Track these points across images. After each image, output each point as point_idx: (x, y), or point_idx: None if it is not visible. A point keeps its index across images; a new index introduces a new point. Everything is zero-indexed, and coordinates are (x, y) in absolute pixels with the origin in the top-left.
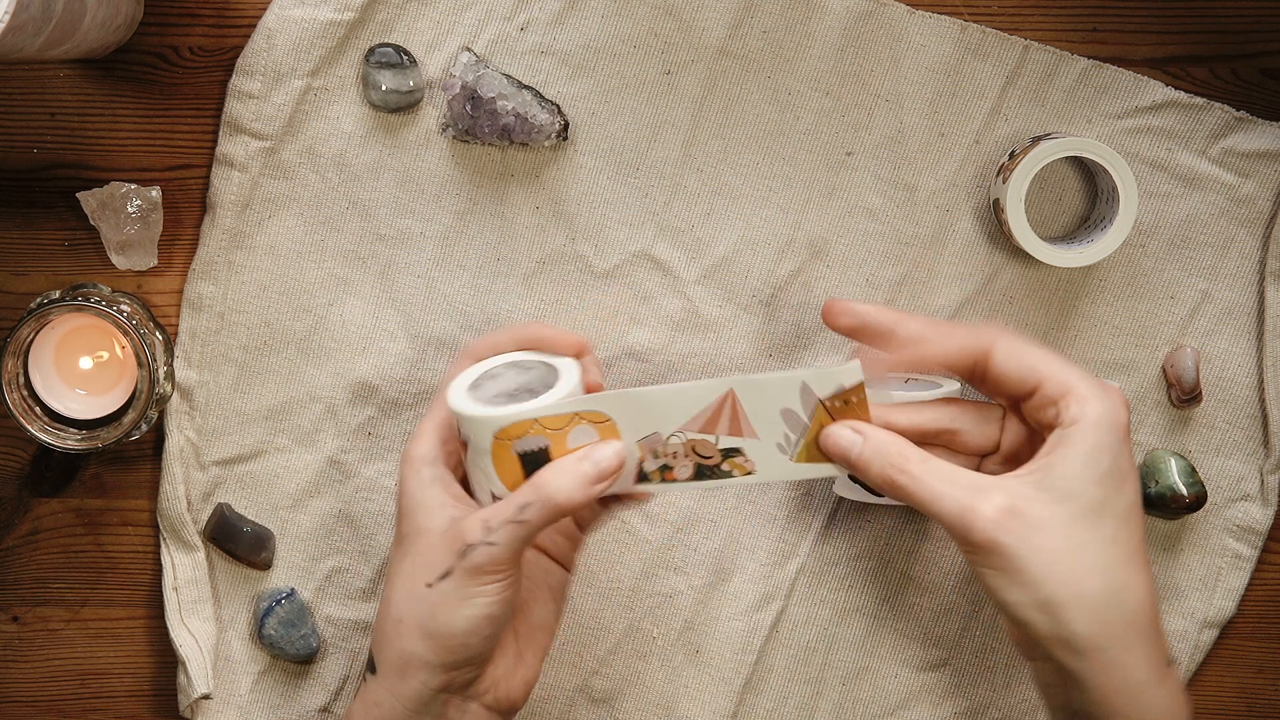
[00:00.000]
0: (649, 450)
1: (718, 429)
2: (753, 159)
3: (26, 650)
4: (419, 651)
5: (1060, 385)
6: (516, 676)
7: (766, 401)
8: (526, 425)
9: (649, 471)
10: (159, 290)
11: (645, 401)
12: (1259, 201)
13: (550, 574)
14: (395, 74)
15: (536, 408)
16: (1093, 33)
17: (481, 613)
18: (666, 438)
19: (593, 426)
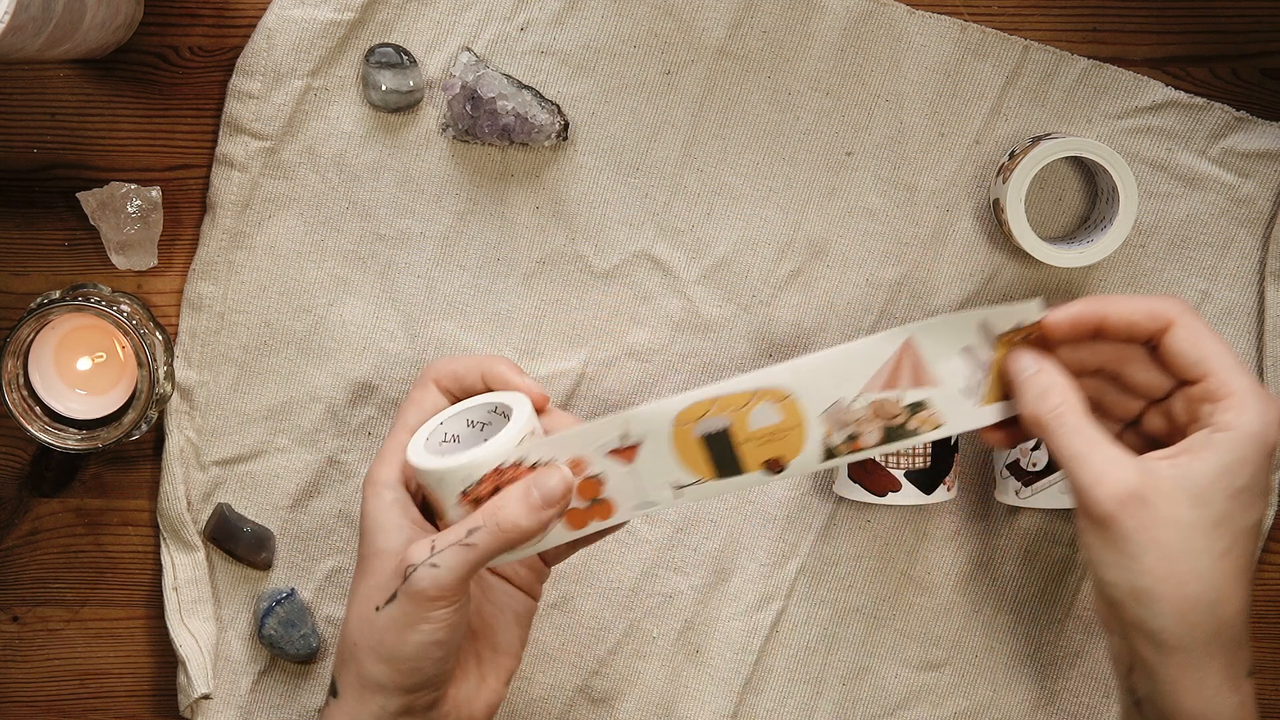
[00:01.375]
0: (834, 422)
1: (900, 383)
2: (753, 159)
3: (26, 650)
4: (375, 675)
5: (1225, 386)
6: (480, 699)
7: (946, 343)
8: (705, 406)
9: (835, 446)
10: (159, 290)
11: (823, 367)
12: (1259, 201)
13: (514, 599)
14: (395, 74)
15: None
16: (1093, 33)
17: (427, 639)
18: (850, 403)
19: (774, 404)
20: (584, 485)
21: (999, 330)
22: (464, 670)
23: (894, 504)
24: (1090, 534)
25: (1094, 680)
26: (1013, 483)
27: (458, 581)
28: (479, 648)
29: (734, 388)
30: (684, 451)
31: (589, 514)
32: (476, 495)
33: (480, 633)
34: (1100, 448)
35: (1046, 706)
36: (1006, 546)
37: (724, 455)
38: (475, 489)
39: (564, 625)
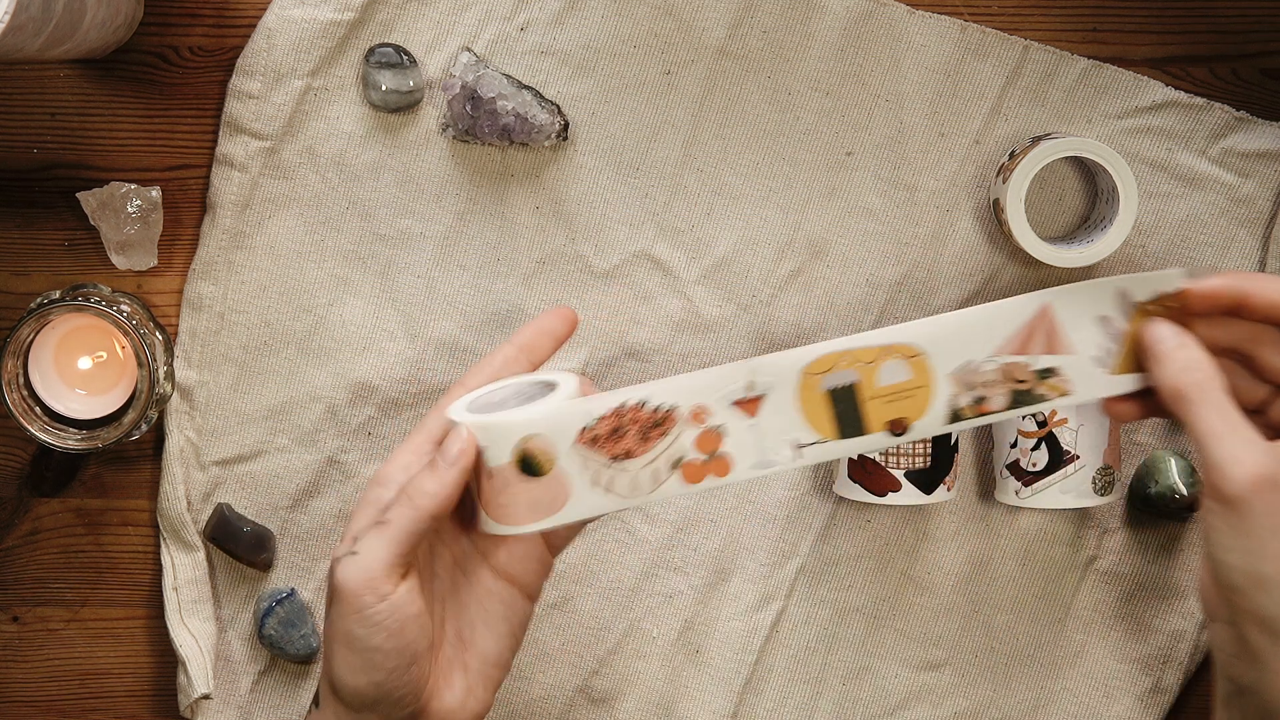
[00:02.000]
0: (962, 383)
1: (1032, 347)
2: (753, 159)
3: (26, 650)
4: (346, 689)
5: None
6: (466, 710)
7: (1084, 310)
8: (834, 359)
9: (961, 408)
10: (159, 290)
11: (956, 326)
12: (1259, 201)
13: (510, 606)
14: (395, 74)
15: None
16: (1093, 33)
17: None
18: (980, 365)
19: (904, 361)
20: (704, 437)
21: (1136, 298)
22: (448, 681)
23: (894, 504)
24: (1216, 515)
25: (1094, 680)
26: (1013, 483)
27: (381, 566)
28: (466, 658)
29: (864, 342)
30: (808, 406)
31: (706, 468)
32: (594, 434)
33: (469, 641)
34: (1239, 428)
35: (1046, 706)
36: (1006, 546)
37: (848, 412)
38: (594, 428)
39: (564, 625)
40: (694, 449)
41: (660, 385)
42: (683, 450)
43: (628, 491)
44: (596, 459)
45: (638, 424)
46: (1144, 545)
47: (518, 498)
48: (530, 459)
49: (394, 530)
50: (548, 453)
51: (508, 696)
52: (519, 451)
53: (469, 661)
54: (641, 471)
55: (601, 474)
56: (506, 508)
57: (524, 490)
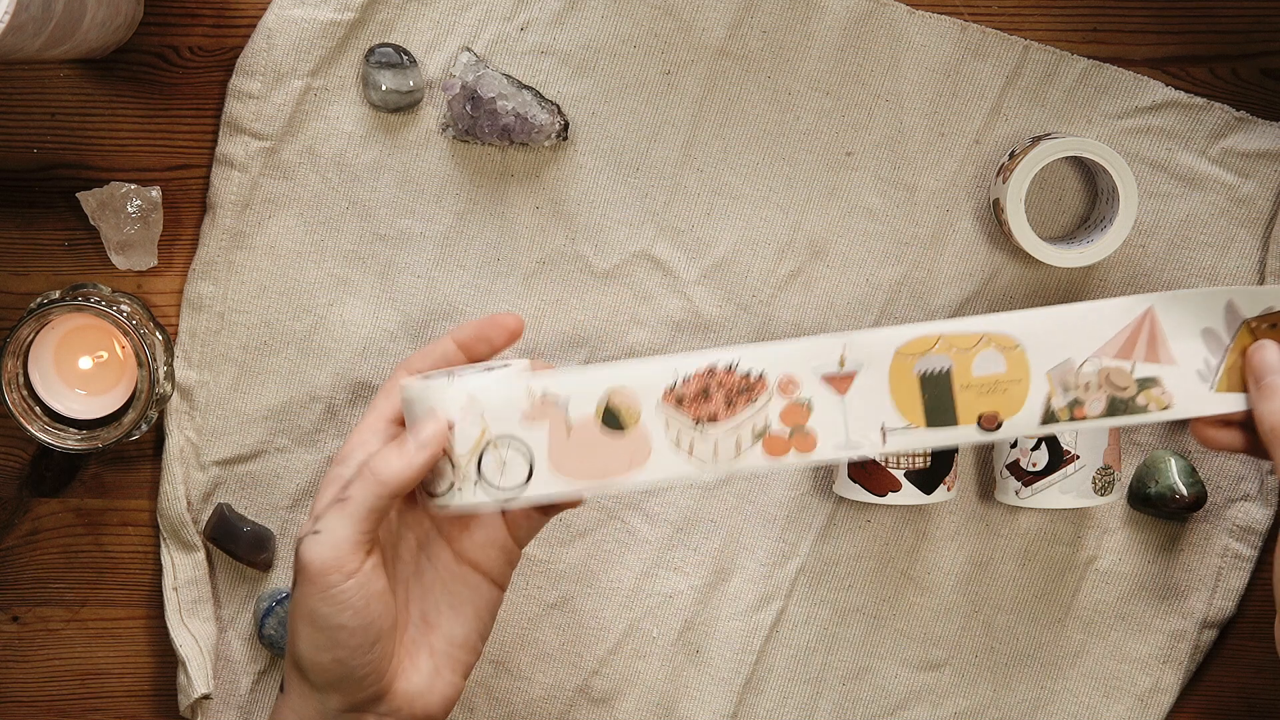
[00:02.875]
0: (1060, 383)
1: (1134, 354)
2: (753, 159)
3: (26, 650)
4: (308, 672)
5: None
6: (434, 693)
7: (1188, 320)
8: (930, 341)
9: (1056, 409)
10: (159, 290)
11: (1057, 322)
12: (1259, 201)
13: (476, 591)
14: (395, 74)
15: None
16: (1093, 32)
17: (331, 621)
18: (1079, 365)
19: (1001, 352)
20: (791, 409)
21: (1246, 314)
22: (414, 663)
23: (894, 504)
24: None
25: (1094, 680)
26: (1013, 483)
27: (346, 543)
28: (432, 640)
29: (962, 327)
30: (899, 389)
31: (790, 443)
32: (680, 394)
33: (434, 624)
34: None
35: (1046, 706)
36: (1006, 546)
37: (940, 400)
38: (680, 388)
39: (564, 625)
40: (779, 421)
41: (751, 350)
42: (768, 421)
43: (708, 457)
44: (681, 419)
45: (725, 388)
46: (1144, 545)
47: (596, 452)
48: (615, 413)
49: (355, 507)
50: (632, 408)
51: (508, 696)
52: (603, 405)
53: (435, 644)
54: (724, 438)
55: (684, 436)
56: (582, 463)
57: (604, 445)
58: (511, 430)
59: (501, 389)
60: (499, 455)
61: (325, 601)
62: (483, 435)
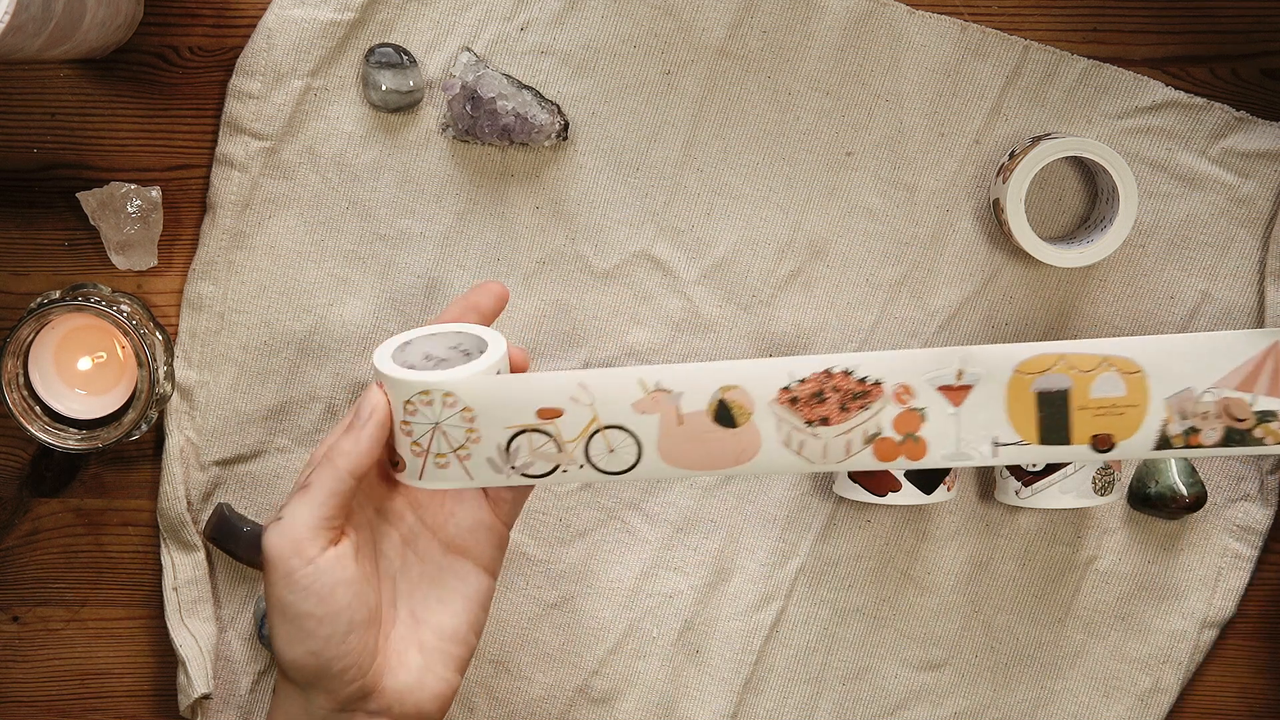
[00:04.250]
0: (1177, 411)
1: (1256, 387)
2: (753, 159)
3: (26, 650)
4: (287, 669)
5: None
6: (425, 689)
7: None
8: (1051, 360)
9: (1171, 436)
10: (159, 290)
11: (1181, 350)
12: (1259, 201)
13: (465, 581)
14: (395, 74)
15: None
16: (1093, 32)
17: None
18: (1199, 394)
19: (1121, 375)
20: (904, 417)
21: None
22: (401, 660)
23: (894, 504)
24: None
25: (1094, 680)
26: (1013, 483)
27: (305, 529)
28: (422, 635)
29: (1084, 349)
30: (1015, 405)
31: (900, 449)
32: (794, 395)
33: (423, 619)
34: None
35: (1046, 706)
36: (1006, 546)
37: (1055, 419)
38: (794, 389)
39: (564, 625)
40: (891, 427)
41: (868, 357)
42: (880, 426)
43: (817, 458)
44: (792, 420)
45: (840, 392)
46: (1144, 545)
47: (705, 445)
48: (727, 409)
49: (315, 492)
50: (745, 406)
51: (508, 696)
52: (716, 401)
53: (424, 639)
54: (834, 441)
55: (794, 436)
56: (690, 453)
57: (714, 439)
58: (621, 419)
59: (612, 380)
60: (607, 441)
61: (288, 589)
62: (592, 422)
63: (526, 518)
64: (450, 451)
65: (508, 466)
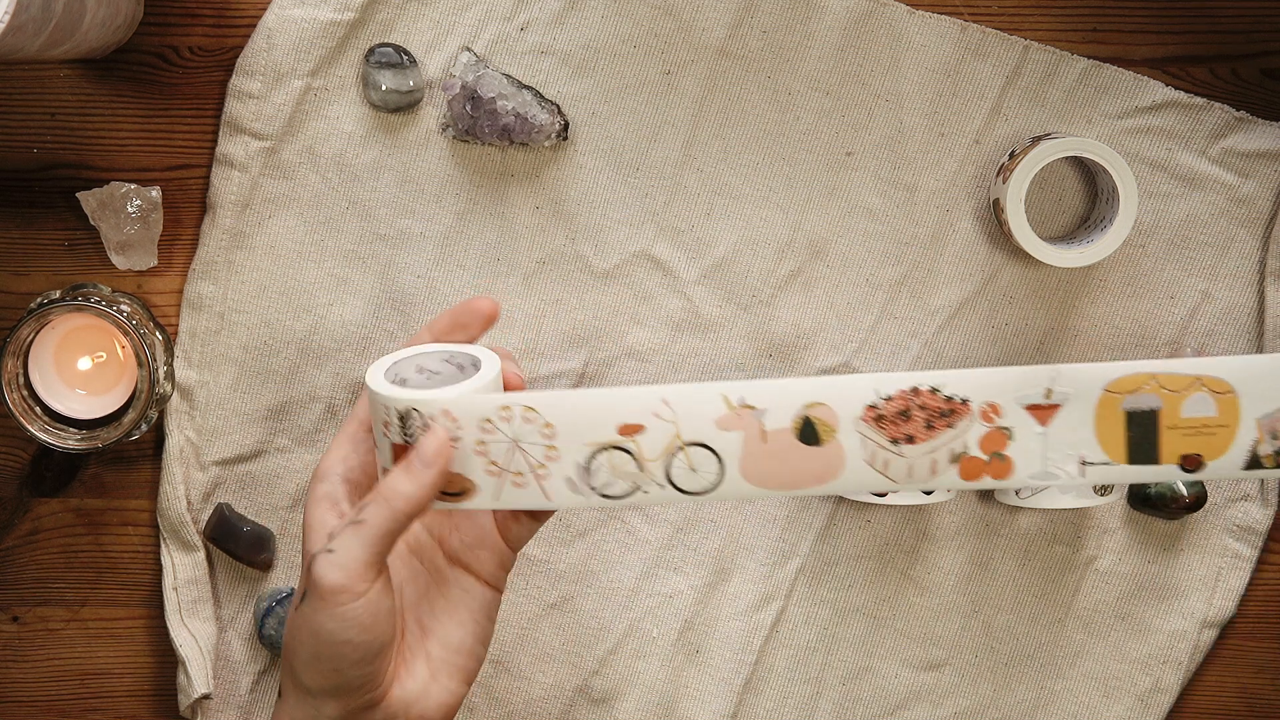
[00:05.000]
0: (1269, 431)
1: None
2: (753, 159)
3: (26, 650)
4: (304, 678)
5: None
6: (430, 699)
7: None
8: (1142, 380)
9: (1262, 456)
10: (159, 290)
11: (1274, 371)
12: (1259, 201)
13: (470, 594)
14: (395, 74)
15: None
16: (1093, 32)
17: (339, 637)
18: None
19: (1212, 395)
20: (991, 436)
21: None
22: (408, 670)
23: (894, 504)
24: None
25: (1094, 680)
26: None
27: (358, 565)
28: (428, 646)
29: (1175, 368)
30: (1104, 424)
31: (986, 468)
32: (880, 413)
33: (430, 630)
34: None
35: (1046, 706)
36: (1006, 546)
37: (1144, 438)
38: (880, 407)
39: (564, 625)
40: (977, 446)
41: (954, 375)
42: (966, 445)
43: (901, 476)
44: (877, 438)
45: (927, 410)
46: (1144, 545)
47: (787, 463)
48: (812, 426)
49: (370, 530)
50: (829, 424)
51: (508, 696)
52: (801, 418)
53: (431, 650)
54: (920, 459)
55: (879, 454)
56: (772, 471)
57: (797, 457)
58: (704, 435)
59: (695, 394)
60: (689, 459)
61: (334, 619)
62: (674, 439)
63: None
64: (529, 470)
65: (586, 486)
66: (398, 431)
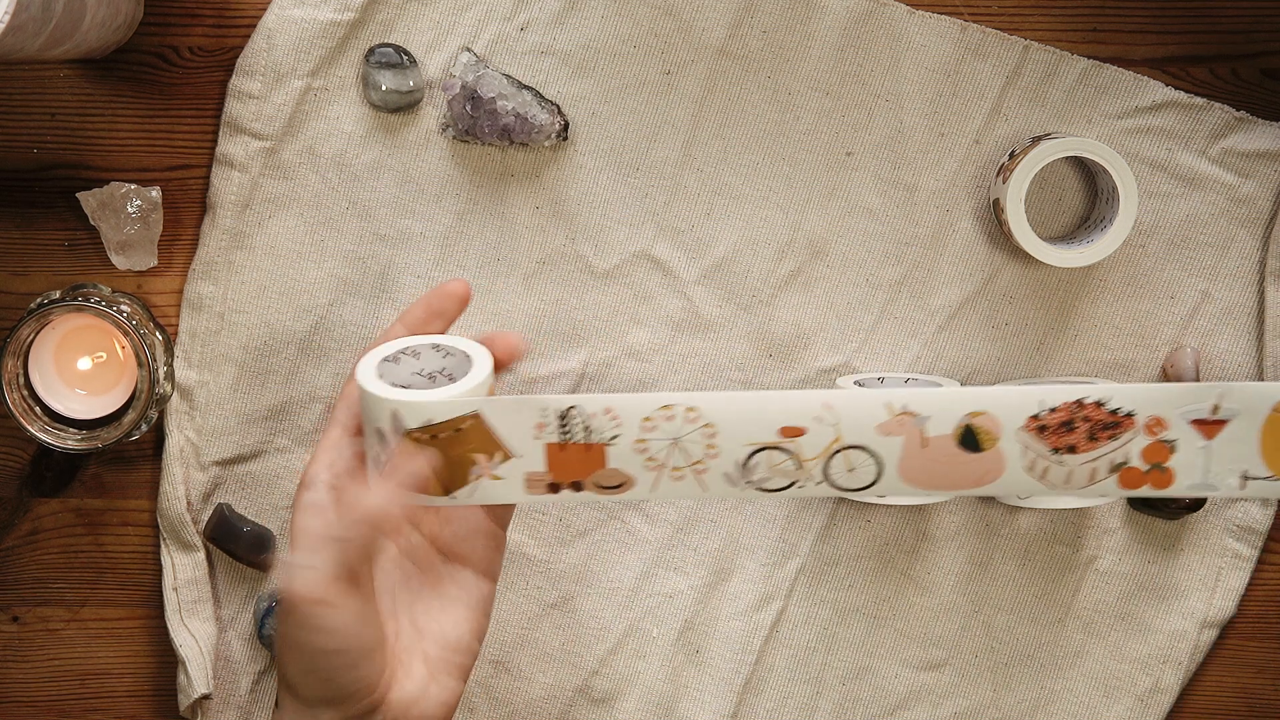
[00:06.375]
0: None
1: None
2: (753, 159)
3: (26, 650)
4: (298, 689)
5: None
6: (430, 699)
7: None
8: None
9: None
10: (159, 290)
11: None
12: (1259, 201)
13: (465, 588)
14: (395, 74)
15: None
16: (1093, 33)
17: (322, 646)
18: None
19: None
20: (1153, 448)
21: None
22: (406, 671)
23: (894, 504)
24: None
25: (1094, 680)
26: None
27: (326, 578)
28: (425, 645)
29: None
30: (1270, 441)
31: (1146, 478)
32: (1043, 423)
33: (425, 629)
34: None
35: (1046, 706)
36: (1006, 546)
37: None
38: (1043, 417)
39: (564, 625)
40: (1139, 457)
41: (1121, 389)
42: (1127, 456)
43: (1060, 483)
44: (1038, 447)
45: (1090, 422)
46: (1144, 545)
47: (946, 468)
48: (973, 434)
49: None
50: (992, 432)
51: (508, 696)
52: (962, 426)
53: (428, 649)
54: (1080, 467)
55: (1039, 462)
56: (930, 474)
57: (957, 462)
58: (864, 440)
59: (858, 401)
60: (847, 460)
61: (307, 630)
62: (835, 442)
63: (527, 518)
64: (687, 465)
65: (743, 481)
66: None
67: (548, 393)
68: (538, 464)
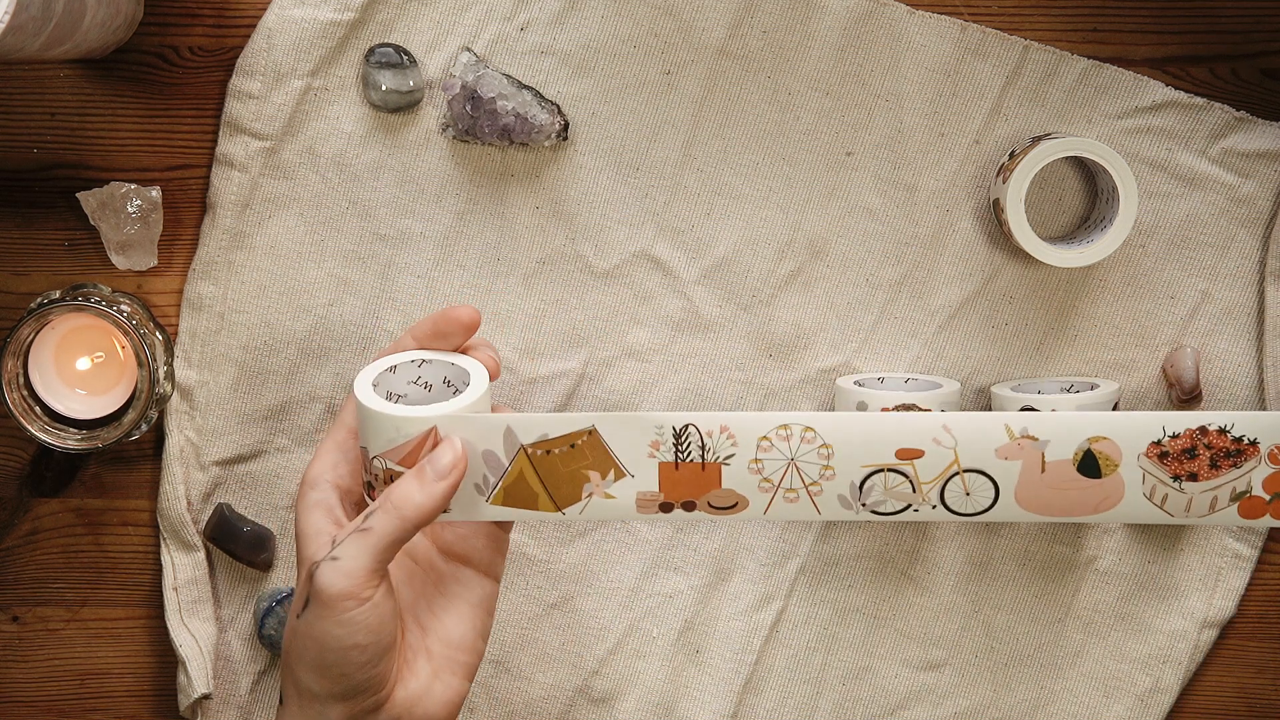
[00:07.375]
0: None
1: None
2: (753, 159)
3: (26, 650)
4: (308, 684)
5: None
6: (435, 696)
7: None
8: None
9: None
10: (159, 290)
11: None
12: (1259, 201)
13: (468, 587)
14: (395, 74)
15: None
16: (1093, 32)
17: (345, 642)
18: None
19: None
20: (1275, 477)
21: None
22: (410, 669)
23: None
24: None
25: (1094, 680)
26: None
27: (363, 572)
28: (428, 644)
29: None
30: None
31: (1268, 508)
32: (1164, 450)
33: (429, 627)
34: None
35: (1046, 706)
36: (1006, 546)
37: None
38: (1165, 444)
39: (564, 625)
40: (1260, 486)
41: (1243, 416)
42: (1249, 484)
43: (1179, 511)
44: (1158, 473)
45: (1213, 449)
46: (1144, 545)
47: (1064, 493)
48: (1093, 459)
49: (376, 538)
50: (1112, 458)
51: (508, 696)
52: (1082, 450)
53: (432, 647)
54: (1200, 495)
55: (1159, 489)
56: (1047, 499)
57: (1075, 488)
58: (982, 463)
59: (977, 423)
60: (964, 484)
61: (339, 625)
62: (951, 465)
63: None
64: (802, 487)
65: (858, 504)
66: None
67: (547, 393)
68: (651, 483)
